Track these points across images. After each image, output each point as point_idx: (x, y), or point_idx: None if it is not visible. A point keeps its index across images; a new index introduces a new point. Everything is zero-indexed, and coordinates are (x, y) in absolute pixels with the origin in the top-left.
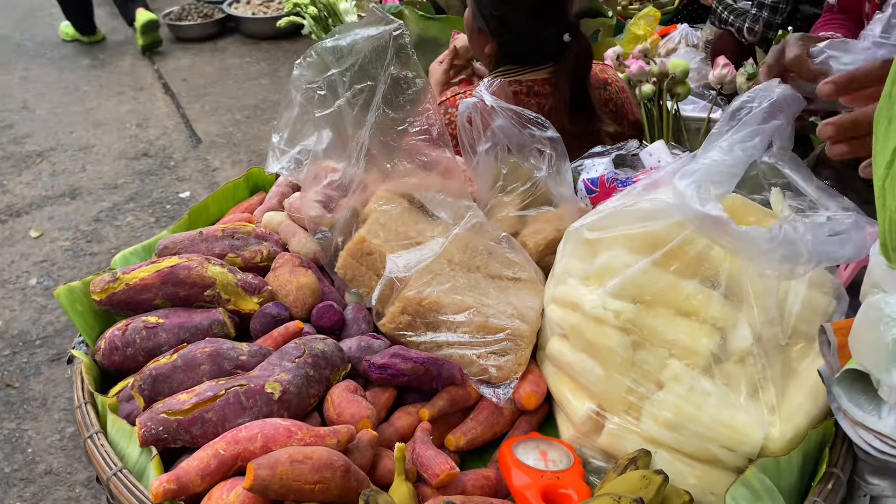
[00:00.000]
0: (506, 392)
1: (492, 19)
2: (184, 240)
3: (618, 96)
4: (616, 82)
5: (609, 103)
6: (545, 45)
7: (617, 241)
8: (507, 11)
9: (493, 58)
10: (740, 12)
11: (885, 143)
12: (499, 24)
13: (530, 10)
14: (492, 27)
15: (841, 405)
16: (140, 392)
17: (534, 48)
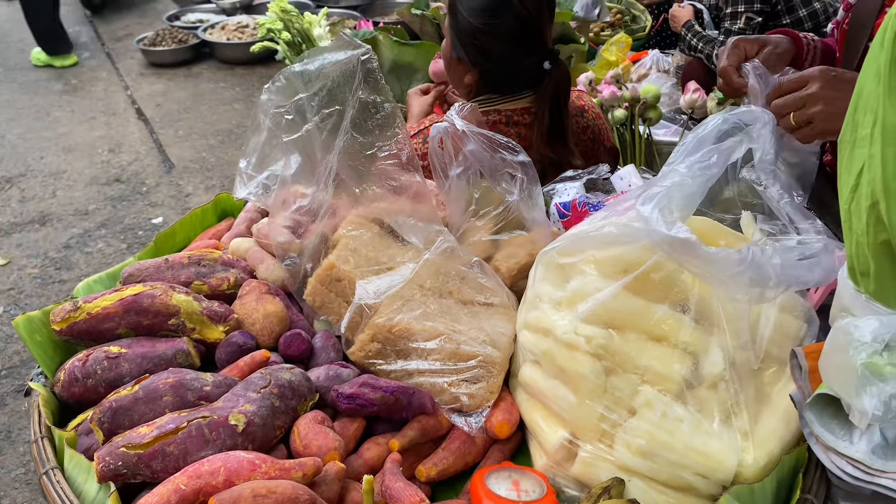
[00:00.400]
0: (478, 421)
1: (472, 48)
2: (149, 267)
3: (594, 123)
4: (592, 109)
5: (587, 130)
6: (525, 73)
7: (588, 266)
8: (487, 41)
9: (473, 87)
10: (709, 39)
11: (849, 167)
12: (479, 54)
13: (510, 38)
14: (472, 56)
15: (813, 430)
16: (99, 425)
17: (514, 76)
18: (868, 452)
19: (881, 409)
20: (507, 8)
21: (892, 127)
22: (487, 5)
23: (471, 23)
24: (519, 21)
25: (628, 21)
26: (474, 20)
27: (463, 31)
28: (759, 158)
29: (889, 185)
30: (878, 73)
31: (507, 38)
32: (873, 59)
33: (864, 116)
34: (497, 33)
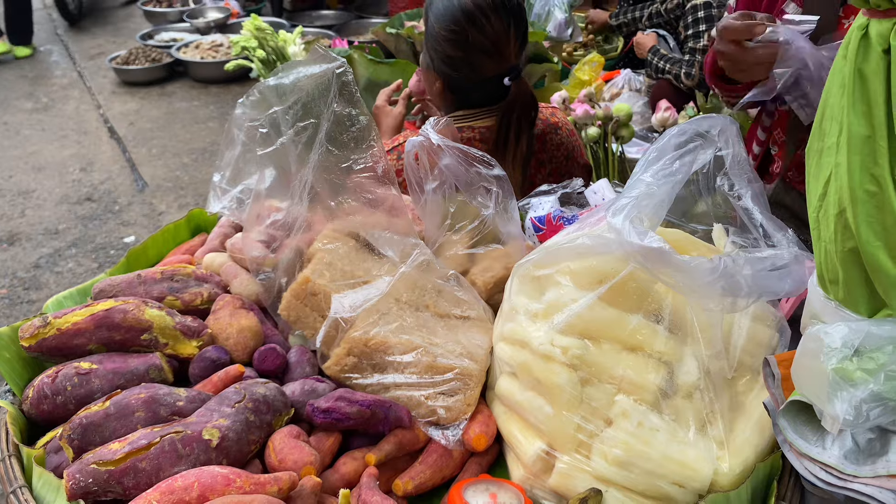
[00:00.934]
0: (455, 434)
1: (436, 56)
2: (121, 283)
3: (568, 140)
4: (566, 126)
5: (561, 147)
6: (488, 87)
7: (563, 277)
8: (447, 48)
9: (442, 97)
10: (675, 60)
11: (816, 175)
12: (442, 62)
13: (472, 49)
14: (436, 64)
15: (787, 437)
16: (69, 442)
17: (477, 89)
18: (840, 458)
19: (852, 414)
20: (472, 20)
21: (857, 136)
22: (451, 14)
23: (437, 30)
24: (482, 34)
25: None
26: (439, 28)
27: (429, 38)
28: (731, 162)
29: (855, 192)
30: (843, 85)
31: (469, 50)
32: (837, 71)
33: (830, 126)
34: (459, 43)
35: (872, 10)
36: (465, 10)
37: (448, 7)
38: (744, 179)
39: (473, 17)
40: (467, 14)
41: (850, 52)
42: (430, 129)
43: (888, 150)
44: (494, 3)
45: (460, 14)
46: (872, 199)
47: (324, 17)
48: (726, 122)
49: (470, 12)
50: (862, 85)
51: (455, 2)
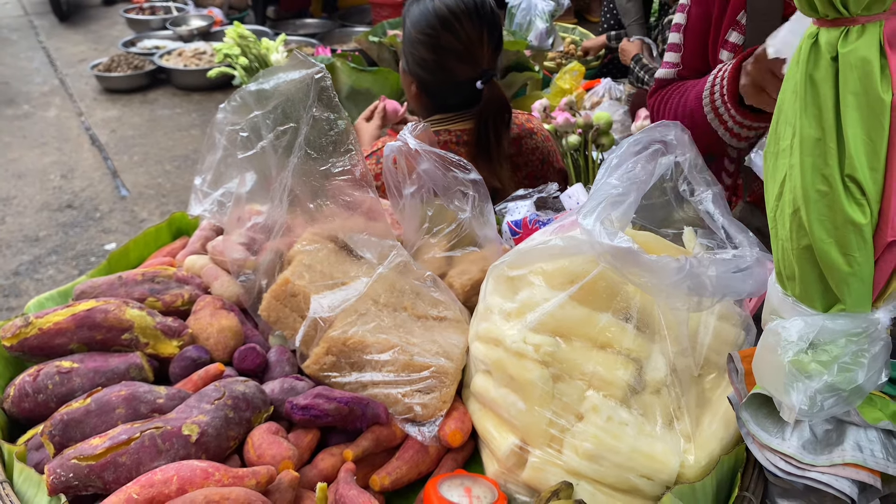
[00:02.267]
0: (431, 430)
1: (411, 59)
2: (102, 284)
3: (544, 145)
4: (541, 131)
5: (536, 151)
6: (462, 90)
7: (536, 277)
8: (421, 50)
9: (418, 101)
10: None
11: (773, 177)
12: (416, 64)
13: (445, 52)
14: (411, 67)
15: (749, 429)
16: (50, 438)
17: (450, 92)
18: (799, 448)
19: (807, 404)
20: (445, 24)
21: (808, 139)
22: (428, 19)
23: (412, 34)
24: (455, 38)
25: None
26: (415, 32)
27: (406, 42)
28: (689, 167)
29: (808, 192)
30: (795, 90)
31: (441, 52)
32: (790, 77)
33: (785, 129)
34: (433, 46)
35: (821, 19)
36: (440, 15)
37: (423, 12)
38: (703, 183)
39: (447, 21)
40: (441, 18)
41: (802, 59)
42: (408, 135)
43: (837, 152)
44: (468, 9)
45: (434, 18)
46: (824, 198)
47: (307, 25)
48: (678, 130)
49: (444, 17)
50: (813, 90)
51: (430, 7)
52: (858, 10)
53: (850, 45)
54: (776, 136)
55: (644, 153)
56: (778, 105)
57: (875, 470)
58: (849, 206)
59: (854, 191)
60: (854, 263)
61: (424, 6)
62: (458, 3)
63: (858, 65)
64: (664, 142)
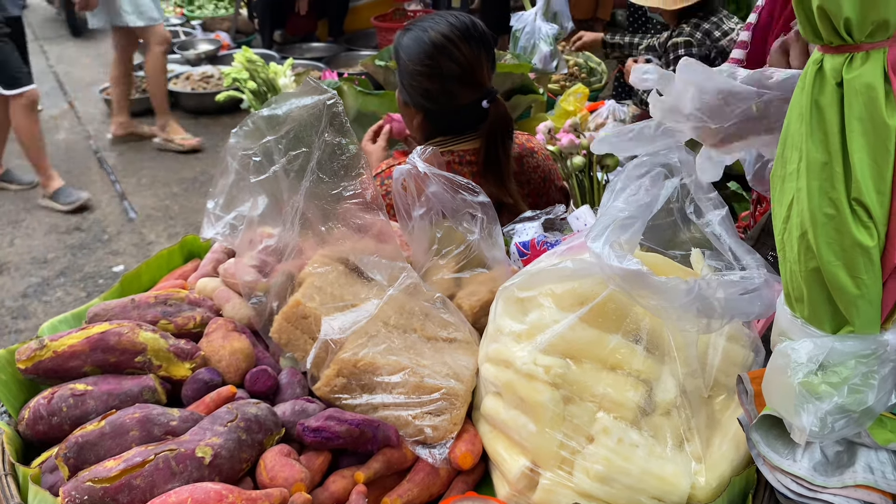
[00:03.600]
0: (441, 452)
1: (413, 91)
2: (115, 307)
3: (545, 164)
4: (542, 150)
5: (538, 169)
6: (466, 113)
7: (546, 299)
8: (423, 81)
9: (422, 129)
10: None
11: (780, 200)
12: (419, 96)
13: (448, 79)
14: (414, 99)
15: (760, 451)
16: (65, 461)
17: (455, 117)
18: (810, 469)
19: (818, 426)
20: (443, 51)
21: (815, 163)
22: (422, 50)
23: (411, 67)
24: (455, 63)
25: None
26: (412, 64)
27: (405, 75)
28: (695, 189)
29: (815, 215)
30: (801, 115)
31: (444, 80)
32: (796, 103)
33: (791, 154)
34: (434, 75)
35: (826, 46)
36: (437, 43)
37: (418, 42)
38: (710, 205)
39: (445, 48)
40: (439, 46)
41: (807, 85)
42: (416, 158)
43: (843, 176)
44: (462, 33)
45: (432, 48)
46: (831, 221)
47: (314, 49)
48: (682, 152)
49: (441, 44)
50: (818, 115)
51: (425, 37)
52: (862, 38)
53: (855, 72)
54: (783, 160)
55: (647, 176)
56: (784, 129)
57: (887, 492)
58: (856, 229)
59: (861, 214)
60: (862, 286)
61: (417, 36)
62: (452, 27)
63: (863, 90)
64: (668, 164)
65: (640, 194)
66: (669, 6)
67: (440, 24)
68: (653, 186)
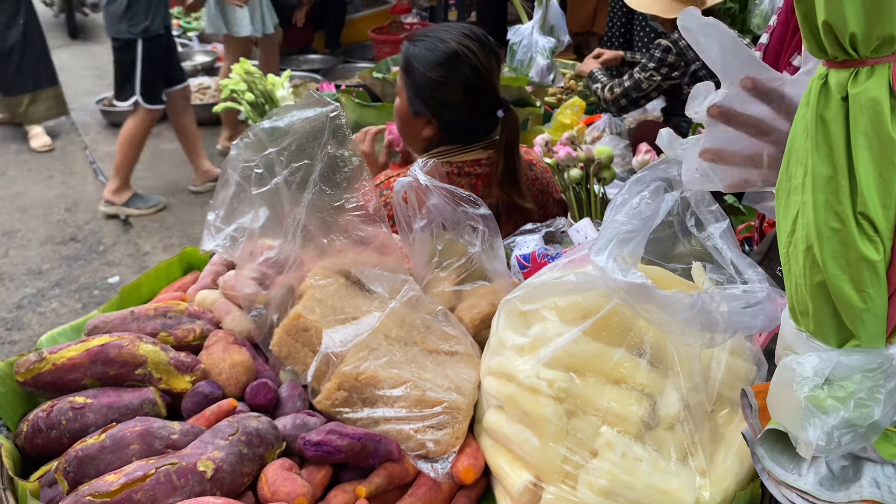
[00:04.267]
0: (444, 466)
1: (431, 101)
2: (114, 319)
3: (543, 176)
4: (540, 163)
5: (536, 182)
6: (481, 121)
7: (549, 312)
8: (445, 92)
9: (431, 140)
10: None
11: (785, 213)
12: (438, 105)
13: (467, 88)
14: (432, 109)
15: (764, 465)
16: (64, 475)
17: (471, 125)
18: (816, 484)
19: (824, 440)
20: (463, 60)
21: (820, 177)
22: (443, 59)
23: (428, 77)
24: (473, 71)
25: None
26: (432, 74)
27: (421, 86)
28: (696, 202)
29: (821, 229)
30: (806, 129)
31: (463, 89)
32: (801, 117)
33: (796, 168)
34: (454, 84)
35: (831, 61)
36: (457, 52)
37: (435, 52)
38: (711, 218)
39: (464, 56)
40: (459, 55)
41: (812, 100)
42: (418, 170)
43: (849, 190)
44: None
45: (453, 56)
46: (837, 235)
47: (310, 61)
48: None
49: (461, 53)
50: (823, 129)
51: (442, 47)
52: (867, 53)
53: (860, 86)
54: (787, 175)
55: (646, 190)
56: (789, 143)
57: None
58: (862, 243)
59: (867, 228)
60: (868, 300)
61: (434, 46)
62: (467, 37)
63: (869, 105)
64: (668, 178)
65: (641, 207)
66: (668, 14)
67: (456, 34)
68: (653, 200)
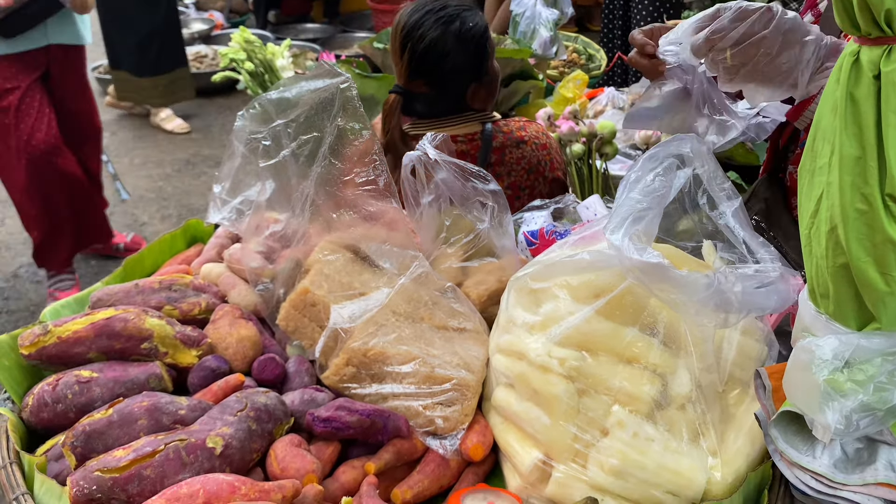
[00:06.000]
0: (452, 443)
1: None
2: (118, 292)
3: (533, 154)
4: (535, 140)
5: (522, 161)
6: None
7: (561, 291)
8: (394, 61)
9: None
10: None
11: (809, 194)
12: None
13: (411, 58)
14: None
15: (778, 447)
16: (72, 449)
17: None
18: (830, 466)
19: (843, 424)
20: (408, 32)
21: (848, 157)
22: (393, 29)
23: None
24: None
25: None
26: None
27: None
28: (708, 179)
29: (846, 211)
30: (835, 108)
31: (408, 60)
32: (829, 94)
33: (823, 147)
34: (401, 53)
35: (863, 37)
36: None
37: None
38: (723, 196)
39: (410, 29)
40: (403, 27)
41: (843, 77)
42: (427, 144)
43: (878, 171)
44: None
45: (400, 27)
46: (863, 217)
47: (308, 30)
48: (695, 143)
49: (406, 25)
50: (853, 108)
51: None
52: None
53: (893, 64)
54: (813, 154)
55: (660, 167)
56: (815, 122)
57: None
58: (889, 226)
59: (895, 210)
60: (892, 282)
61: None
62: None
63: None
64: (681, 155)
65: (655, 185)
66: None
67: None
68: (667, 179)
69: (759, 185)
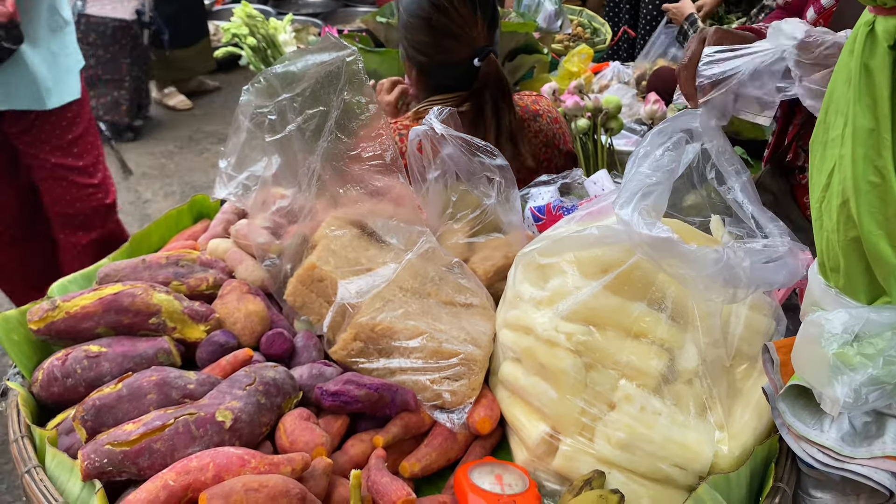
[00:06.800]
0: (460, 417)
1: (408, 43)
2: (125, 267)
3: (549, 127)
4: (548, 113)
5: (540, 134)
6: (459, 69)
7: (569, 266)
8: (415, 34)
9: (418, 83)
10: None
11: (820, 167)
12: (413, 48)
13: (439, 33)
14: (409, 52)
15: (785, 420)
16: (82, 423)
17: (448, 73)
18: (838, 440)
19: (852, 397)
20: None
21: (861, 129)
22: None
23: (405, 19)
24: (447, 17)
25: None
26: (408, 16)
27: (402, 28)
28: (716, 154)
29: (858, 183)
30: (849, 79)
31: (435, 33)
32: (843, 66)
33: (835, 119)
34: (426, 28)
35: (879, 7)
36: None
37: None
38: (732, 171)
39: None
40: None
41: (857, 48)
42: (433, 119)
43: (892, 143)
44: None
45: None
46: (875, 189)
47: (310, 4)
48: (703, 117)
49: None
50: (868, 79)
51: None
52: None
53: None
54: (825, 126)
55: (669, 142)
56: (828, 94)
57: None
58: None
59: None
60: None
61: None
62: None
63: None
64: (689, 130)
65: (664, 160)
66: None
67: None
68: (676, 154)
69: (764, 176)
